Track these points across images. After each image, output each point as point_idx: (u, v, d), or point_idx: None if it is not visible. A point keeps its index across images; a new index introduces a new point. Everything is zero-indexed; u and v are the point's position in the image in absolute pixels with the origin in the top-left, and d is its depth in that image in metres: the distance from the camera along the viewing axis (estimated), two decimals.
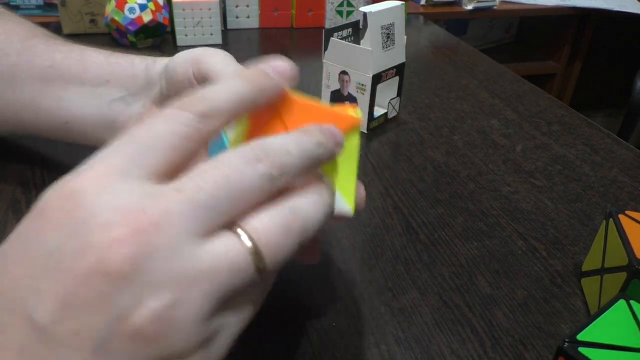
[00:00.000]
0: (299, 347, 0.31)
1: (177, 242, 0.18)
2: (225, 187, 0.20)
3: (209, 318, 0.19)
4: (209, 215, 0.19)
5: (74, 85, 0.39)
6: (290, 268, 0.37)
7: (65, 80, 0.39)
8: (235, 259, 0.19)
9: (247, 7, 0.87)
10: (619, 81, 2.05)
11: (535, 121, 0.61)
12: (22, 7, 1.17)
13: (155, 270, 0.18)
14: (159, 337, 0.18)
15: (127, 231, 0.17)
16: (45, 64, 0.39)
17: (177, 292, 0.18)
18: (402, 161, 0.52)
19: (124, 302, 0.17)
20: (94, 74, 0.38)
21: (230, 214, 0.20)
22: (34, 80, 0.39)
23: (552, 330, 0.34)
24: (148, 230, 0.18)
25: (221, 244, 0.19)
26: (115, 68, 0.38)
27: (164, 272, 0.18)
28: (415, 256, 0.39)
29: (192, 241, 0.19)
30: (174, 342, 0.18)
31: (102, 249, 0.17)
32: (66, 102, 0.39)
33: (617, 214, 0.35)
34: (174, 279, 0.18)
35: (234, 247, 0.19)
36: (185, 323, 0.18)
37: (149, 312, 0.17)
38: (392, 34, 0.55)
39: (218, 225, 0.20)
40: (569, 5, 1.57)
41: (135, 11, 0.74)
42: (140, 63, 0.38)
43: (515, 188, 0.48)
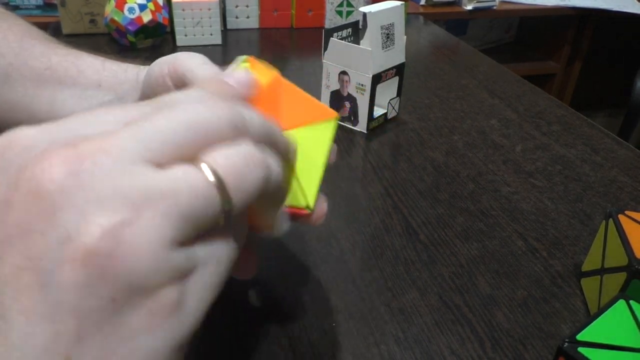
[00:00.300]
0: (299, 347, 0.31)
1: (123, 161, 0.17)
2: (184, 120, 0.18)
3: (175, 245, 0.17)
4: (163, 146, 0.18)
5: (67, 87, 0.39)
6: (291, 268, 0.37)
7: (60, 82, 0.39)
8: (195, 183, 0.18)
9: (246, 7, 0.87)
10: (619, 81, 2.05)
11: (535, 121, 0.61)
12: (22, 7, 1.17)
13: (100, 187, 0.16)
14: (115, 259, 0.16)
15: (65, 153, 0.16)
16: (42, 66, 0.39)
17: (128, 209, 0.16)
18: (402, 161, 0.52)
19: (66, 222, 0.16)
20: (89, 77, 0.39)
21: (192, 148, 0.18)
22: (29, 82, 0.40)
23: (552, 331, 0.34)
24: (89, 151, 0.16)
25: (179, 170, 0.18)
26: (109, 74, 0.39)
27: (110, 189, 0.16)
28: (415, 256, 0.39)
29: (142, 164, 0.17)
30: (134, 265, 0.16)
31: (35, 172, 0.16)
32: (60, 104, 0.40)
33: (617, 214, 0.35)
34: (123, 196, 0.16)
35: (195, 175, 0.18)
36: (143, 244, 0.16)
37: (97, 229, 0.16)
38: (392, 34, 0.55)
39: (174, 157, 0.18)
40: (568, 5, 1.57)
41: (135, 11, 0.74)
42: (132, 70, 0.38)
43: (515, 188, 0.48)
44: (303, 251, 0.39)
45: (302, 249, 0.39)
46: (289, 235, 0.40)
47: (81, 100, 0.39)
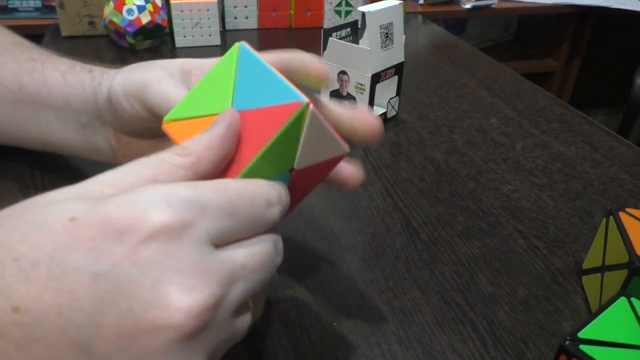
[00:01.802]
0: (300, 347, 0.31)
1: (228, 313, 0.20)
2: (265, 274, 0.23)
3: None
4: (251, 294, 0.22)
5: (45, 109, 0.38)
6: (291, 268, 0.37)
7: (36, 103, 0.38)
8: (245, 323, 0.23)
9: (245, 7, 0.87)
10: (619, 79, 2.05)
11: (535, 119, 0.61)
12: (21, 10, 1.17)
13: (211, 339, 0.20)
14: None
15: (208, 300, 0.19)
16: (15, 87, 0.39)
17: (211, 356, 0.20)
18: (402, 161, 0.52)
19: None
20: (56, 97, 0.38)
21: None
22: (9, 102, 0.39)
23: (554, 329, 0.34)
24: (218, 304, 0.19)
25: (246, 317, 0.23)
26: (71, 91, 0.37)
27: (214, 339, 0.20)
28: (415, 255, 0.39)
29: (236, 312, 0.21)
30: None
31: (185, 314, 0.18)
32: (45, 126, 0.39)
33: (617, 211, 0.35)
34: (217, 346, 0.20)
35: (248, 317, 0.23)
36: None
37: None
38: (391, 33, 0.55)
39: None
40: (567, 3, 1.57)
41: (134, 13, 0.74)
42: (89, 85, 0.37)
43: (515, 186, 0.48)
44: (303, 251, 0.39)
45: (303, 248, 0.39)
46: (289, 235, 0.40)
47: (62, 121, 0.38)
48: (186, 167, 0.22)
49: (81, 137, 0.39)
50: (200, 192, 0.21)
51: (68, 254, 0.18)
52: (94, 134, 0.38)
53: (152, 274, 0.18)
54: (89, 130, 0.38)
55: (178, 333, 0.18)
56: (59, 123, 0.38)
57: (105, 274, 0.18)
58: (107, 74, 0.36)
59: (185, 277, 0.18)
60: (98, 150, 0.39)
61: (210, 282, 0.19)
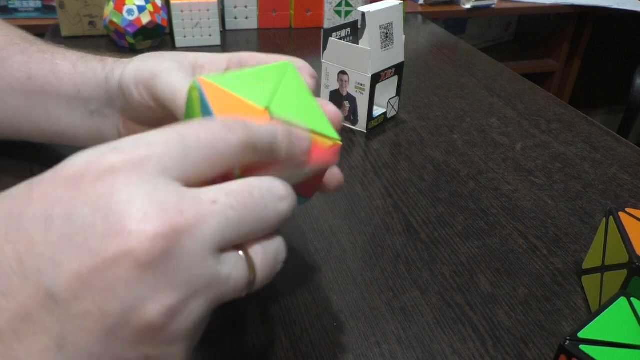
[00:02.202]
0: (300, 347, 0.31)
1: (201, 249, 0.19)
2: (252, 214, 0.21)
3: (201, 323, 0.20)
4: (232, 235, 0.20)
5: (54, 98, 0.39)
6: (291, 268, 0.37)
7: (45, 92, 0.39)
8: (238, 277, 0.21)
9: (245, 7, 0.87)
10: (618, 79, 2.05)
11: (535, 119, 0.61)
12: (21, 10, 1.17)
13: (178, 271, 0.18)
14: (160, 335, 0.19)
15: (165, 227, 0.18)
16: (24, 76, 0.39)
17: (189, 294, 0.19)
18: (402, 160, 0.52)
19: (142, 292, 0.18)
20: (66, 85, 0.38)
21: (244, 239, 0.21)
22: (18, 93, 0.39)
23: (554, 328, 0.34)
24: (182, 232, 0.18)
25: (231, 261, 0.21)
26: (81, 78, 0.38)
27: (184, 274, 0.19)
28: (416, 255, 0.39)
29: (212, 252, 0.20)
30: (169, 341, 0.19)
31: (137, 237, 0.18)
32: (52, 114, 0.39)
33: (617, 211, 0.35)
34: (190, 282, 0.19)
35: (240, 267, 0.21)
36: (186, 324, 0.19)
37: (161, 307, 0.18)
38: (391, 33, 0.55)
39: (233, 244, 0.21)
40: (567, 3, 1.57)
41: (134, 13, 0.74)
42: (101, 72, 0.37)
43: (515, 186, 0.48)
44: (303, 251, 0.39)
45: (303, 248, 0.39)
46: (289, 235, 0.40)
47: (71, 110, 0.39)
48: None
49: (89, 124, 0.39)
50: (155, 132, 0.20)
51: (23, 208, 0.19)
52: (103, 121, 0.38)
53: (103, 207, 0.18)
54: (97, 118, 0.38)
55: (136, 258, 0.17)
56: (68, 111, 0.39)
57: (58, 216, 0.18)
58: (120, 62, 0.37)
59: (137, 206, 0.18)
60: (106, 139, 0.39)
61: (168, 209, 0.18)
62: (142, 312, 0.18)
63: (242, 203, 0.21)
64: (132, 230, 0.18)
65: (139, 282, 0.18)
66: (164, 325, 0.18)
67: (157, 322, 0.18)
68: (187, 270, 0.19)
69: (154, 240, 0.18)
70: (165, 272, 0.18)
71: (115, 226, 0.18)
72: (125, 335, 0.18)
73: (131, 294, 0.18)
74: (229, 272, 0.20)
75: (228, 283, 0.20)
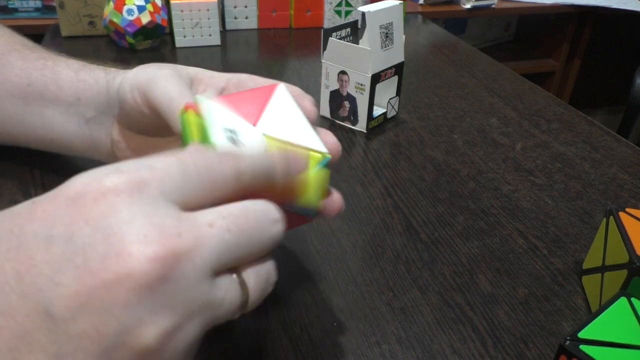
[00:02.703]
0: (300, 347, 0.31)
1: (198, 273, 0.19)
2: (247, 237, 0.21)
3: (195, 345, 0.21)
4: (228, 258, 0.21)
5: (52, 104, 0.39)
6: (291, 268, 0.37)
7: (44, 99, 0.39)
8: (232, 300, 0.21)
9: (245, 7, 0.87)
10: (618, 78, 2.05)
11: (535, 119, 0.61)
12: (21, 10, 1.17)
13: (175, 294, 0.19)
14: (155, 358, 0.19)
15: (164, 250, 0.18)
16: (24, 82, 0.39)
17: (185, 317, 0.19)
18: (402, 160, 0.52)
19: (139, 315, 0.18)
20: (66, 92, 0.38)
21: (239, 262, 0.22)
22: (16, 99, 0.39)
23: (554, 329, 0.34)
24: (181, 255, 0.19)
25: (225, 284, 0.21)
26: (83, 85, 0.38)
27: (181, 297, 0.19)
28: (416, 255, 0.39)
29: (208, 275, 0.20)
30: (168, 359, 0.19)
31: (138, 260, 0.18)
32: (48, 121, 0.39)
33: (617, 211, 0.35)
34: (186, 305, 0.19)
35: (234, 290, 0.21)
36: (180, 347, 0.20)
37: (157, 330, 0.18)
38: (391, 33, 0.55)
39: (228, 267, 0.21)
40: (567, 3, 1.57)
41: (134, 13, 0.74)
42: (103, 79, 0.38)
43: (515, 186, 0.48)
44: (303, 251, 0.39)
45: (303, 248, 0.39)
46: (289, 235, 0.40)
47: (67, 117, 0.39)
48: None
49: (84, 132, 0.39)
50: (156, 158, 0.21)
51: (25, 226, 0.19)
52: (97, 129, 0.38)
53: (104, 228, 0.18)
54: (92, 125, 0.38)
55: (135, 280, 0.18)
56: (64, 118, 0.39)
57: (59, 235, 0.18)
58: (123, 71, 0.37)
59: (137, 228, 0.18)
60: (98, 146, 0.39)
61: (167, 233, 0.19)
62: (139, 335, 0.18)
63: (238, 227, 0.21)
64: (133, 253, 0.18)
65: (137, 305, 0.18)
66: (160, 348, 0.19)
67: (153, 344, 0.18)
68: (184, 293, 0.19)
69: (153, 263, 0.18)
70: (162, 295, 0.18)
71: (115, 247, 0.18)
72: (121, 357, 0.18)
73: (129, 316, 0.18)
74: (223, 295, 0.21)
75: (222, 306, 0.21)
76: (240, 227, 0.21)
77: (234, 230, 0.21)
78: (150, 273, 0.18)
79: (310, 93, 0.32)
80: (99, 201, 0.19)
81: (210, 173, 0.21)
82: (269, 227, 0.22)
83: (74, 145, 0.40)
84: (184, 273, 0.19)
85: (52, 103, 0.39)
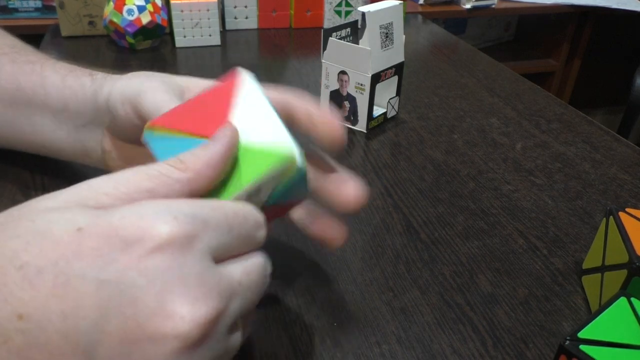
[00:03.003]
0: (300, 347, 0.31)
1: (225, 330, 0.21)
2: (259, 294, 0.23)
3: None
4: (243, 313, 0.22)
5: (41, 111, 0.38)
6: (291, 268, 0.37)
7: (32, 105, 0.38)
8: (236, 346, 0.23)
9: (245, 7, 0.87)
10: (618, 78, 2.05)
11: (535, 119, 0.61)
12: (21, 10, 1.17)
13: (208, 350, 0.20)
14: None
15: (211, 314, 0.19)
16: (13, 87, 0.38)
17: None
18: (402, 160, 0.52)
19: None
20: (54, 98, 0.38)
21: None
22: (5, 104, 0.39)
23: (554, 328, 0.34)
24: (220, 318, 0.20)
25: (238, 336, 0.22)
26: (69, 92, 0.37)
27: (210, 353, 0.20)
28: (416, 255, 0.39)
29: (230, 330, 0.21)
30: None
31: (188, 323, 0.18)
32: (39, 128, 0.39)
33: (617, 211, 0.35)
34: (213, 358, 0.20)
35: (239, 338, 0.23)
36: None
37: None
38: (391, 33, 0.55)
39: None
40: (567, 3, 1.57)
41: (134, 13, 0.74)
42: (90, 87, 0.37)
43: (515, 186, 0.48)
44: (303, 251, 0.39)
45: (303, 248, 0.39)
46: (289, 235, 0.40)
47: (58, 124, 0.38)
48: (183, 183, 0.23)
49: (74, 139, 0.38)
50: (201, 208, 0.21)
51: (73, 262, 0.18)
52: (88, 137, 0.38)
53: (157, 283, 0.18)
54: (83, 133, 0.38)
55: (180, 343, 0.18)
56: (54, 125, 0.38)
57: (110, 282, 0.18)
58: (110, 78, 0.36)
59: (189, 289, 0.19)
60: (89, 153, 0.39)
61: (213, 294, 0.19)
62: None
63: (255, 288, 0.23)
64: (185, 316, 0.18)
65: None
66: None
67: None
68: (214, 350, 0.20)
69: (202, 327, 0.19)
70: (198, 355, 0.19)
71: (167, 306, 0.18)
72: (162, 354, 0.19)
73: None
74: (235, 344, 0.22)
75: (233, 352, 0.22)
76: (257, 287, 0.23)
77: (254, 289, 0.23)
78: (196, 336, 0.19)
79: (310, 93, 0.32)
80: (155, 253, 0.19)
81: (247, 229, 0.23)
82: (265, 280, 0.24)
83: (65, 152, 0.40)
84: (218, 332, 0.20)
85: (40, 109, 0.38)
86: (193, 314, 0.18)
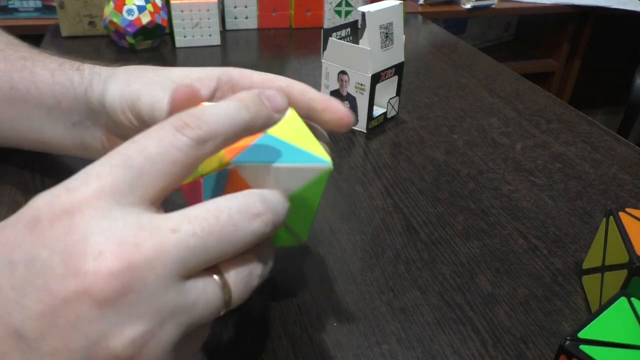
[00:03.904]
0: (300, 347, 0.31)
1: (163, 281, 0.19)
2: (218, 238, 0.21)
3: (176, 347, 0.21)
4: (196, 262, 0.20)
5: (36, 108, 0.38)
6: (291, 268, 0.37)
7: (27, 102, 0.38)
8: (208, 300, 0.21)
9: (245, 7, 0.87)
10: (619, 78, 2.05)
11: (535, 119, 0.61)
12: (21, 10, 1.17)
13: (139, 303, 0.19)
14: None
15: (120, 264, 0.19)
16: (7, 85, 0.38)
17: (155, 323, 0.19)
18: (402, 160, 0.52)
19: (105, 328, 0.19)
20: (47, 95, 0.38)
21: (213, 262, 0.21)
22: (2, 102, 0.39)
23: (554, 329, 0.34)
24: (139, 266, 0.19)
25: (198, 286, 0.21)
26: (59, 89, 0.37)
27: (146, 306, 0.19)
28: (416, 255, 0.39)
29: (175, 280, 0.20)
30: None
31: (94, 277, 0.18)
32: (37, 125, 0.39)
33: (617, 211, 0.35)
34: (154, 312, 0.19)
35: (210, 290, 0.21)
36: (157, 352, 0.20)
37: (126, 340, 0.19)
38: (391, 33, 0.55)
39: (199, 270, 0.21)
40: (567, 3, 1.57)
41: (134, 13, 0.74)
42: (79, 84, 0.37)
43: (515, 186, 0.48)
44: (303, 251, 0.39)
45: (302, 248, 0.39)
46: None
47: (54, 121, 0.38)
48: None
49: (72, 135, 0.39)
50: (102, 162, 0.21)
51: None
52: (85, 133, 0.38)
53: (61, 249, 0.19)
54: (79, 129, 0.38)
55: (93, 296, 0.18)
56: (50, 122, 0.38)
57: (20, 260, 0.19)
58: (98, 74, 0.36)
59: (92, 246, 0.19)
60: (90, 149, 0.39)
61: (122, 246, 0.19)
62: (108, 346, 0.19)
63: (206, 229, 0.20)
64: (88, 271, 0.18)
65: (100, 318, 0.18)
66: (133, 356, 0.19)
67: (124, 354, 0.19)
68: (149, 301, 0.19)
69: (108, 278, 0.18)
70: (125, 306, 0.19)
71: (72, 267, 0.18)
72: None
73: (94, 330, 0.18)
74: (196, 297, 0.20)
75: (196, 307, 0.21)
76: (209, 230, 0.20)
77: (201, 234, 0.20)
78: (107, 288, 0.18)
79: None
80: (54, 224, 0.19)
81: (165, 155, 0.21)
82: (247, 224, 0.21)
83: (66, 148, 0.40)
84: (145, 283, 0.19)
85: (35, 107, 0.38)
86: (97, 267, 0.18)
